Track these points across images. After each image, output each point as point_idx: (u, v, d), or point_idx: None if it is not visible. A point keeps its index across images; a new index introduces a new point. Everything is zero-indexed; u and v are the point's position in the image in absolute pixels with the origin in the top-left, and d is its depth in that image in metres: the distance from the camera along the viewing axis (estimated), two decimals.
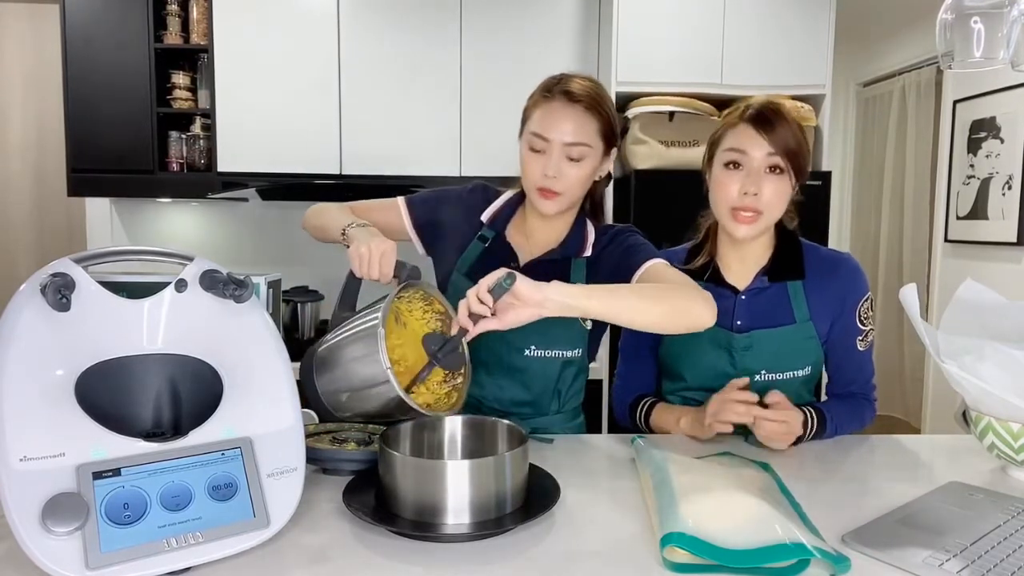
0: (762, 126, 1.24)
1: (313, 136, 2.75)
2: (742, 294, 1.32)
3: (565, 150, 1.21)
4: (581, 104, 1.20)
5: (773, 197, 1.25)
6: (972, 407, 1.15)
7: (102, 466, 0.75)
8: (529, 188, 1.26)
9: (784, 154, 1.23)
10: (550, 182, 1.21)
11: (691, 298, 1.12)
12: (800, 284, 1.31)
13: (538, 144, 1.22)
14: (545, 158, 1.22)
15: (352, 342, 1.07)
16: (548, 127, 1.21)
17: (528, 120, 1.26)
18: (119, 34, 2.74)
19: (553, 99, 1.22)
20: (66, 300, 0.78)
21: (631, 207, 2.65)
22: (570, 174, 1.22)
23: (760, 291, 1.32)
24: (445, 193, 1.40)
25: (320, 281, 2.99)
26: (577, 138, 1.20)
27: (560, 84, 1.23)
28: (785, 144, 1.23)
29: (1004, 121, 2.94)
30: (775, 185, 1.24)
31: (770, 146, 1.23)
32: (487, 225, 1.35)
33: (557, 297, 1.00)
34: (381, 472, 0.92)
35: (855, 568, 0.79)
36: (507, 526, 0.88)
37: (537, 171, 1.22)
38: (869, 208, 4.28)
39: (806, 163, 1.27)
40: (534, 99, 1.26)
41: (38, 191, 3.52)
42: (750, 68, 2.70)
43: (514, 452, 0.91)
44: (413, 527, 0.86)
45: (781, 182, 1.25)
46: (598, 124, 1.22)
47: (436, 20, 2.75)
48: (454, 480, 0.86)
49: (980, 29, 1.14)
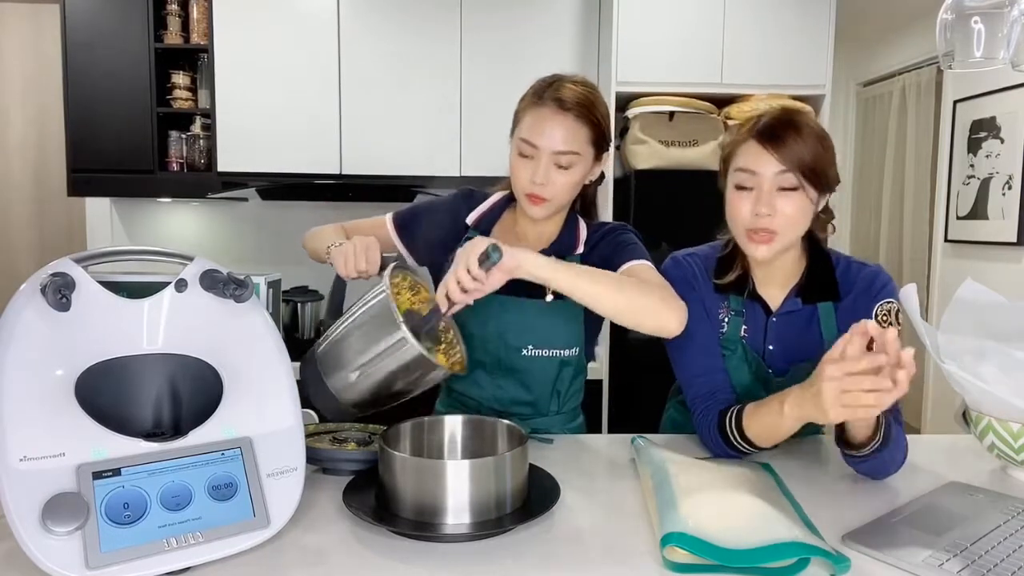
0: (771, 142, 1.15)
1: (313, 136, 2.75)
2: (773, 316, 1.24)
3: (554, 158, 1.21)
4: (571, 112, 1.20)
5: (790, 216, 1.15)
6: (972, 407, 1.15)
7: (102, 466, 0.75)
8: (518, 192, 1.26)
9: (798, 169, 1.14)
10: (538, 189, 1.22)
11: (663, 300, 1.13)
12: (831, 307, 1.23)
13: (527, 150, 1.22)
14: (534, 164, 1.22)
15: (361, 322, 1.07)
16: (538, 134, 1.21)
17: (519, 124, 1.26)
18: (119, 34, 2.74)
19: (544, 105, 1.21)
20: (66, 300, 0.78)
21: (631, 207, 2.65)
22: (558, 181, 1.22)
23: (791, 313, 1.24)
24: (430, 204, 1.42)
25: (320, 281, 2.99)
26: (566, 146, 1.20)
27: (552, 89, 1.22)
28: (798, 159, 1.14)
29: (1004, 121, 2.94)
30: (791, 203, 1.15)
31: (780, 163, 1.14)
32: (472, 227, 1.37)
33: (528, 265, 1.06)
34: (381, 472, 0.92)
35: (855, 568, 0.79)
36: (507, 526, 0.88)
37: (525, 177, 1.23)
38: (869, 208, 4.28)
39: (828, 174, 1.17)
40: (525, 102, 1.26)
41: (38, 191, 3.52)
42: (750, 68, 2.70)
43: (514, 452, 0.91)
44: (413, 527, 0.86)
45: (798, 199, 1.15)
46: (588, 132, 1.22)
47: (436, 20, 2.75)
48: (455, 479, 0.86)
49: (980, 29, 1.14)
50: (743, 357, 1.23)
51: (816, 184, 1.16)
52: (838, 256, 1.28)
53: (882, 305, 1.21)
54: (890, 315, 1.21)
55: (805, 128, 1.15)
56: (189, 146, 2.87)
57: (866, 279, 1.24)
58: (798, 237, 1.20)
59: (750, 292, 1.24)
